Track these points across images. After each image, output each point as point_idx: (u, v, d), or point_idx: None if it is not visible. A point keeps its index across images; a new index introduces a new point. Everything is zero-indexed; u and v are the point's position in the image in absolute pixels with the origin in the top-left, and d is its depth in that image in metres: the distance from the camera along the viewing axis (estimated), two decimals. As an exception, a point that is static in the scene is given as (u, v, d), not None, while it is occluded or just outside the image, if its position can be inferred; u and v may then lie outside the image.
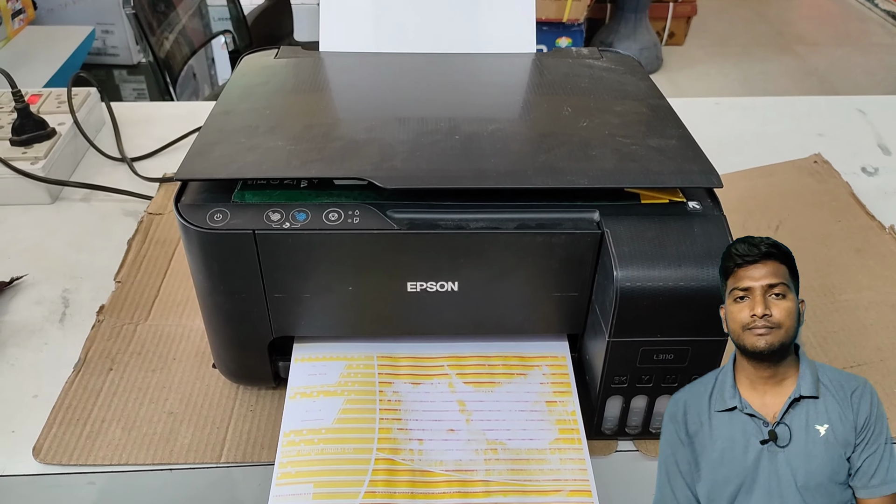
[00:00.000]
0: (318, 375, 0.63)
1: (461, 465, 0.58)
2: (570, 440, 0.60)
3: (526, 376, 0.64)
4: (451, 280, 0.59)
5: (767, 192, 0.93)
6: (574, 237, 0.57)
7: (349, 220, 0.57)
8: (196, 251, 0.58)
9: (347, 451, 0.58)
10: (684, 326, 0.56)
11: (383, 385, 0.62)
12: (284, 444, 0.58)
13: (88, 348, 0.72)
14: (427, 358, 0.65)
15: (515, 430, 0.60)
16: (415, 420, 0.60)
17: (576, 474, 0.57)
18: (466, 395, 0.62)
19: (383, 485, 0.56)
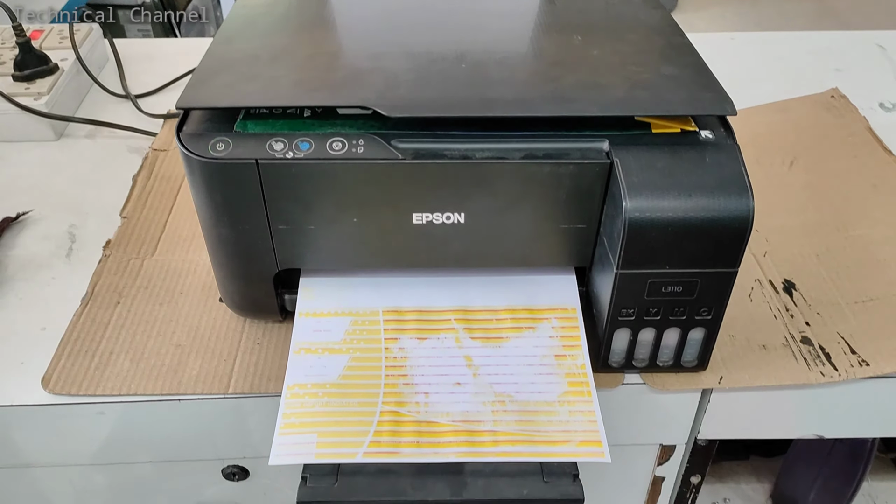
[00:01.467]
0: (323, 332, 0.62)
1: (468, 417, 0.57)
2: (579, 393, 0.59)
3: (535, 330, 0.63)
4: (458, 211, 0.58)
5: (782, 127, 0.91)
6: (582, 167, 0.56)
7: (353, 150, 0.56)
8: (199, 182, 0.57)
9: (352, 405, 0.57)
10: (694, 258, 0.56)
11: (389, 342, 0.62)
12: (288, 397, 0.58)
13: (95, 282, 0.72)
14: (433, 311, 0.64)
15: (524, 384, 0.59)
16: (421, 375, 0.59)
17: (585, 425, 0.57)
18: (473, 350, 0.61)
19: (388, 435, 0.55)
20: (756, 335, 0.67)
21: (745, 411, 0.67)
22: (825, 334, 0.67)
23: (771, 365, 0.65)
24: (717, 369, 0.64)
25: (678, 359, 0.62)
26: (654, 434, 0.70)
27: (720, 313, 0.59)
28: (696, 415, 0.68)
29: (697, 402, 0.66)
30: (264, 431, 0.65)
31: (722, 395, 0.65)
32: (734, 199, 0.54)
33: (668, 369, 0.63)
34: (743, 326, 0.68)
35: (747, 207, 0.54)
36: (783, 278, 0.73)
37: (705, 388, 0.65)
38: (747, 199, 0.54)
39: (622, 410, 0.65)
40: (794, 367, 0.64)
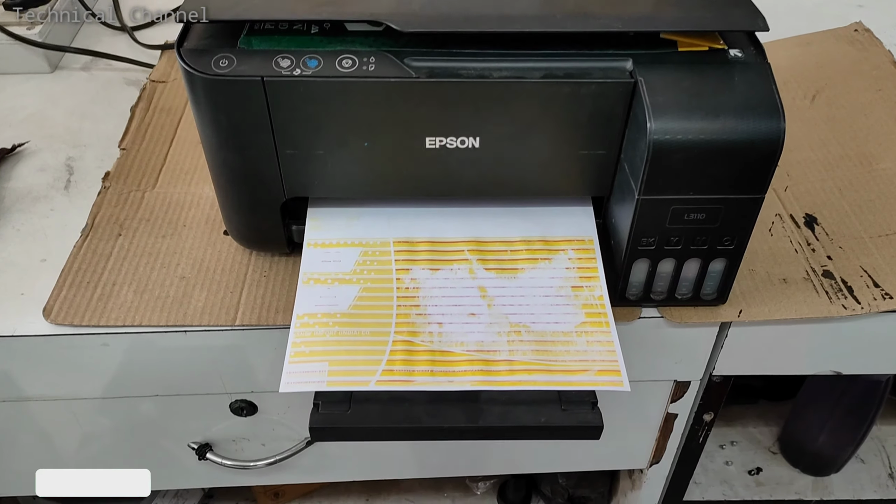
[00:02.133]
0: (333, 262, 0.60)
1: (483, 346, 0.55)
2: (597, 324, 0.57)
3: (551, 261, 0.61)
4: (472, 135, 0.56)
5: (804, 61, 0.88)
6: (604, 87, 0.53)
7: (364, 68, 0.53)
8: (201, 101, 0.54)
9: (364, 334, 0.56)
10: (719, 183, 0.53)
11: (401, 272, 0.60)
12: (298, 326, 0.56)
13: (96, 214, 0.70)
14: (446, 242, 0.62)
15: (540, 314, 0.58)
16: (434, 306, 0.58)
17: (604, 355, 0.55)
18: (488, 282, 0.59)
19: (401, 363, 0.54)
20: (776, 269, 0.65)
21: (762, 347, 0.66)
22: (847, 268, 0.65)
23: (791, 299, 0.63)
24: (737, 303, 0.63)
25: (697, 291, 0.61)
26: (669, 370, 0.68)
27: (743, 243, 0.57)
28: (712, 350, 0.66)
29: (714, 337, 0.65)
30: (272, 366, 0.64)
31: (740, 329, 0.64)
32: (764, 121, 0.51)
33: (686, 302, 0.62)
34: (763, 261, 0.66)
35: (778, 129, 0.51)
36: (804, 213, 0.71)
37: (724, 322, 0.63)
38: (778, 120, 0.52)
39: (638, 345, 0.63)
40: (816, 301, 0.63)
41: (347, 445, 0.75)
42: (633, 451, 0.79)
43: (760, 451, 1.00)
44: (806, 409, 0.95)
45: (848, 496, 0.95)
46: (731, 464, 0.98)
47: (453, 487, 1.05)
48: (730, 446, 1.00)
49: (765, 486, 0.96)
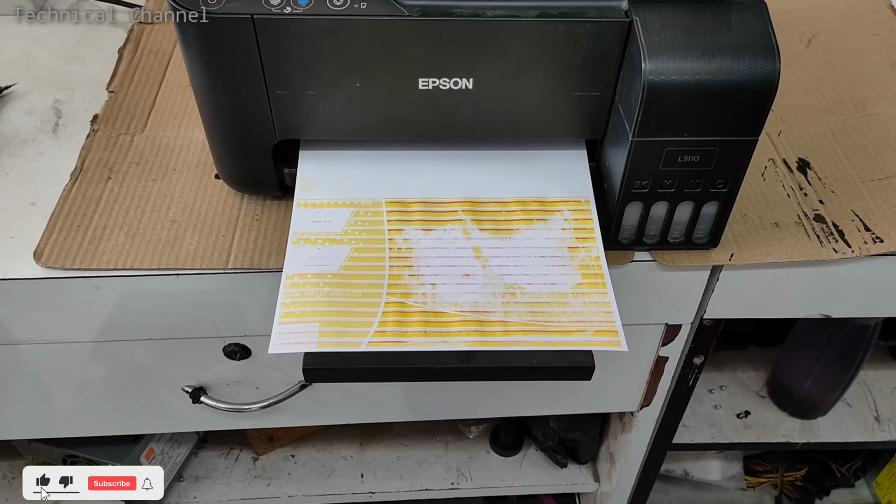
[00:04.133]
0: (323, 223, 0.59)
1: (477, 307, 0.55)
2: (594, 285, 0.56)
3: (546, 222, 0.60)
4: (466, 76, 0.55)
5: (800, 4, 0.86)
6: (599, 26, 0.53)
7: (356, 6, 0.52)
8: (189, 40, 0.53)
9: (355, 295, 0.55)
10: (713, 125, 0.53)
11: (393, 233, 0.59)
12: (287, 287, 0.55)
13: (85, 157, 0.69)
14: (440, 202, 0.61)
15: (535, 276, 0.57)
16: (427, 266, 0.57)
17: (600, 315, 0.55)
18: (482, 242, 0.58)
19: (394, 325, 0.53)
20: (768, 214, 0.66)
21: (753, 290, 0.66)
22: (839, 212, 0.65)
23: (783, 242, 0.63)
24: (729, 247, 0.63)
25: (689, 235, 0.61)
26: (660, 313, 0.69)
27: (736, 186, 0.57)
28: (703, 293, 0.67)
29: (706, 281, 0.65)
30: (265, 309, 0.64)
31: (731, 273, 0.64)
32: (760, 61, 0.51)
33: (678, 246, 0.62)
34: (755, 205, 0.66)
35: (773, 70, 0.51)
36: (797, 157, 0.70)
37: (715, 266, 0.63)
38: (773, 60, 0.51)
39: (630, 289, 0.64)
40: (807, 245, 0.63)
41: (341, 388, 0.76)
42: (623, 394, 0.80)
43: (749, 395, 1.01)
44: (794, 354, 0.96)
45: (834, 439, 0.97)
46: (719, 407, 1.00)
47: (446, 431, 1.06)
48: (718, 390, 1.02)
49: (752, 429, 0.97)
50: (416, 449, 1.04)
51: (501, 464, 1.03)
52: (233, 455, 1.03)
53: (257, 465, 1.03)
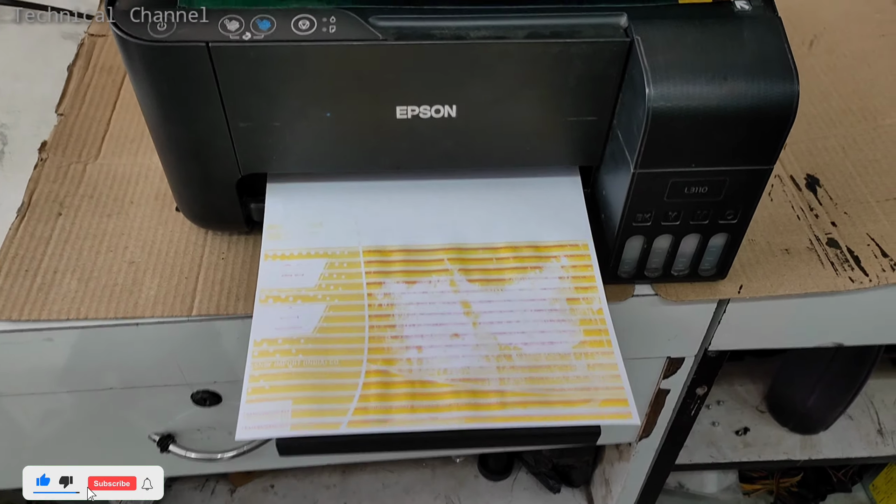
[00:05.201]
0: (294, 277, 0.53)
1: (469, 374, 0.49)
2: (597, 342, 0.51)
3: (541, 270, 0.54)
4: (448, 103, 0.50)
5: (800, 2, 0.82)
6: (596, 47, 0.47)
7: (323, 30, 0.46)
8: (138, 70, 0.48)
9: (332, 364, 0.49)
10: (724, 153, 0.48)
11: (372, 287, 0.52)
12: (256, 355, 0.49)
13: (32, 190, 0.63)
14: (423, 250, 0.54)
15: (532, 333, 0.51)
16: (411, 325, 0.51)
17: (608, 381, 0.49)
18: (472, 296, 0.52)
19: (377, 399, 0.47)
20: (778, 238, 0.61)
21: (762, 321, 0.62)
22: (853, 236, 0.61)
23: (795, 271, 0.59)
24: (736, 278, 0.58)
25: (695, 267, 0.56)
26: (662, 347, 0.64)
27: (748, 217, 0.52)
28: (709, 326, 0.62)
29: (712, 313, 0.61)
30: (235, 355, 0.59)
31: (739, 304, 0.60)
32: (777, 83, 0.46)
33: (683, 279, 0.57)
34: (763, 229, 0.62)
35: (791, 92, 0.46)
36: (805, 173, 0.66)
37: (723, 299, 0.59)
38: (791, 82, 0.46)
39: (630, 324, 0.59)
40: (821, 273, 0.59)
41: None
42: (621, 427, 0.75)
43: (747, 411, 0.97)
44: (796, 368, 0.92)
45: (837, 454, 0.93)
46: (717, 424, 0.96)
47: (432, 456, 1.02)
48: (716, 406, 0.98)
49: (752, 447, 0.94)
50: (402, 475, 1.00)
51: (492, 489, 0.98)
52: (208, 487, 0.97)
53: (235, 498, 0.97)
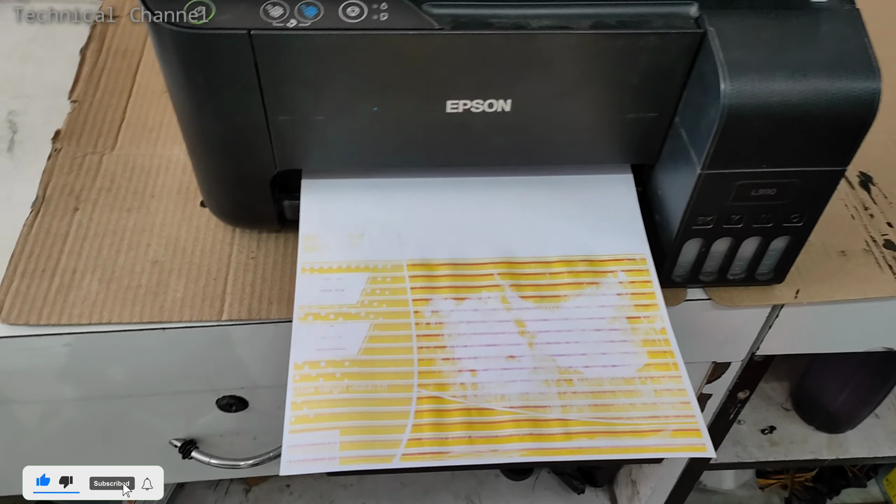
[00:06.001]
0: (334, 293, 0.49)
1: (529, 401, 0.46)
2: (663, 366, 0.47)
3: (598, 286, 0.51)
4: (503, 97, 0.47)
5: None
6: (666, 39, 0.44)
7: (374, 17, 0.43)
8: (172, 59, 0.44)
9: (381, 389, 0.45)
10: (797, 154, 0.45)
11: (418, 303, 0.49)
12: (297, 379, 0.45)
13: (47, 183, 0.59)
14: (471, 264, 0.51)
15: (593, 355, 0.48)
16: (463, 346, 0.47)
17: (677, 409, 0.46)
18: (526, 313, 0.49)
19: (431, 429, 0.44)
20: (833, 240, 0.58)
21: (814, 325, 0.59)
22: (911, 237, 0.58)
23: (852, 275, 0.56)
24: (793, 282, 0.56)
25: (752, 271, 0.53)
26: (709, 352, 0.62)
27: (814, 220, 0.50)
28: (759, 330, 0.60)
29: (765, 318, 0.58)
30: (264, 359, 0.56)
31: (792, 308, 0.57)
32: (858, 81, 0.43)
33: (738, 283, 0.54)
34: (818, 230, 0.57)
35: (873, 90, 0.43)
36: (858, 171, 0.63)
37: (778, 304, 0.56)
38: (873, 79, 0.43)
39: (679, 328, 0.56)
40: (879, 278, 0.56)
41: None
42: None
43: (773, 409, 0.95)
44: (825, 367, 0.90)
45: (864, 454, 0.91)
46: (742, 422, 0.94)
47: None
48: (741, 403, 0.96)
49: (779, 446, 0.92)
50: (421, 475, 0.97)
51: (513, 489, 0.96)
52: (223, 486, 0.95)
53: (249, 497, 0.95)
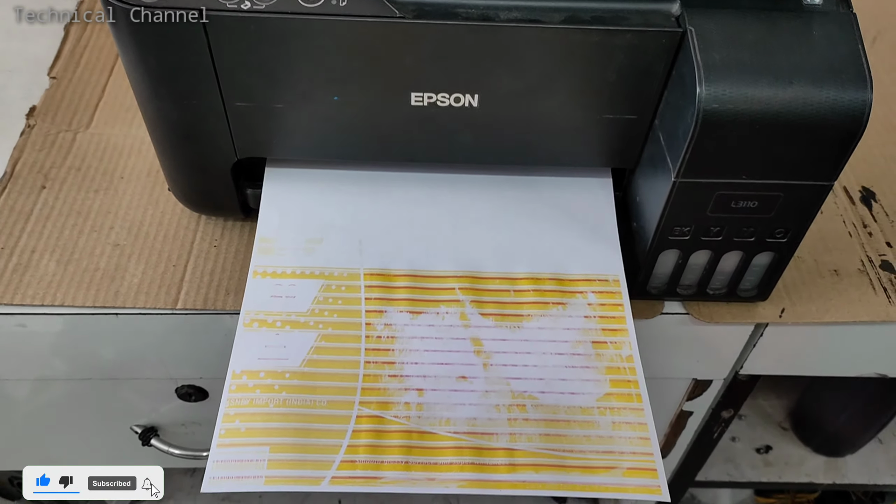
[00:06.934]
0: (285, 299, 0.47)
1: (476, 426, 0.43)
2: (625, 396, 0.45)
3: (565, 307, 0.48)
4: (470, 91, 0.44)
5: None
6: (643, 37, 0.42)
7: (334, 2, 0.41)
8: (125, 40, 0.42)
9: (319, 405, 0.43)
10: (781, 166, 0.42)
11: (372, 315, 0.46)
12: (233, 389, 0.43)
13: (16, 160, 0.58)
14: (433, 277, 0.48)
15: (551, 381, 0.45)
16: (413, 363, 0.45)
17: (635, 444, 0.43)
18: (484, 332, 0.47)
19: (367, 451, 0.41)
20: (826, 257, 0.55)
21: (801, 346, 0.56)
22: (910, 259, 0.55)
23: (843, 296, 0.53)
24: (779, 300, 0.53)
25: (734, 287, 0.50)
26: (688, 368, 0.59)
27: (799, 235, 0.47)
28: (742, 349, 0.57)
29: (748, 336, 0.55)
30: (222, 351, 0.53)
31: (778, 328, 0.54)
32: (848, 90, 0.40)
33: (719, 298, 0.51)
34: (811, 246, 0.56)
35: (863, 101, 0.40)
36: (861, 185, 0.60)
37: (761, 323, 0.53)
38: (864, 89, 0.40)
39: (655, 342, 0.54)
40: (872, 300, 0.53)
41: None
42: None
43: (770, 427, 0.92)
44: (826, 386, 0.86)
45: (863, 480, 0.88)
46: (737, 440, 0.90)
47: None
48: (737, 420, 0.92)
49: (773, 467, 0.88)
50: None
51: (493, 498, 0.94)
52: (199, 473, 0.93)
53: (227, 486, 0.94)
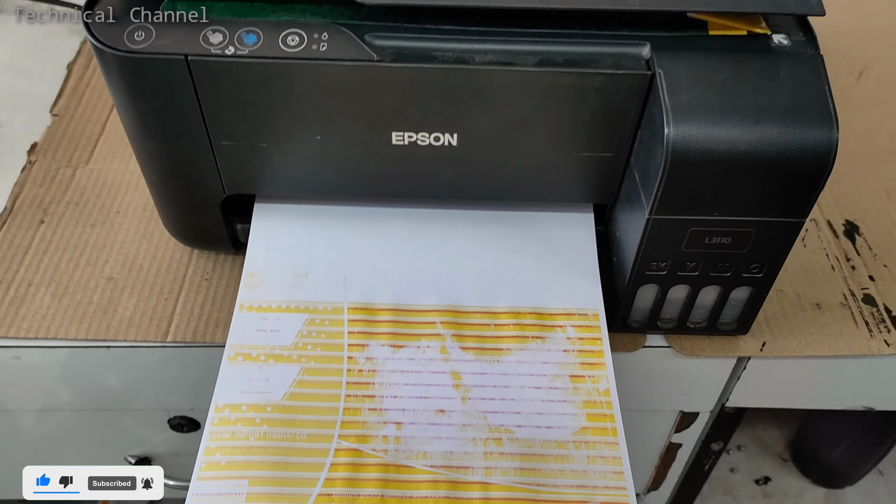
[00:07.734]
0: (269, 333, 0.48)
1: (452, 460, 0.44)
2: (601, 430, 0.45)
3: (545, 340, 0.49)
4: (449, 131, 0.46)
5: (850, 29, 0.76)
6: (613, 79, 0.43)
7: (314, 47, 0.42)
8: (115, 81, 0.44)
9: (299, 438, 0.44)
10: (751, 203, 0.43)
11: (354, 349, 0.47)
12: (215, 423, 0.44)
13: (17, 195, 0.60)
14: (415, 311, 0.50)
15: (528, 414, 0.46)
16: (392, 397, 0.46)
17: (608, 478, 0.43)
18: (464, 366, 0.47)
19: (344, 484, 0.42)
20: (808, 291, 0.56)
21: (785, 379, 0.56)
22: (892, 292, 0.55)
23: (825, 329, 0.53)
24: (760, 333, 0.53)
25: (714, 321, 0.51)
26: (674, 400, 0.59)
27: (774, 272, 0.47)
28: (727, 382, 0.57)
29: (731, 370, 0.56)
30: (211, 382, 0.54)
31: (761, 361, 0.54)
32: (813, 130, 0.41)
33: (700, 331, 0.52)
34: (794, 279, 0.56)
35: (829, 141, 0.41)
36: (844, 219, 0.60)
37: (743, 356, 0.54)
38: (830, 129, 0.41)
39: (639, 375, 0.54)
40: (854, 334, 0.53)
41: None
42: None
43: (769, 458, 0.92)
44: (824, 416, 0.86)
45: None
46: (736, 471, 0.90)
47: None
48: (736, 451, 0.92)
49: (772, 499, 0.88)
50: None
51: None
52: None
53: None
